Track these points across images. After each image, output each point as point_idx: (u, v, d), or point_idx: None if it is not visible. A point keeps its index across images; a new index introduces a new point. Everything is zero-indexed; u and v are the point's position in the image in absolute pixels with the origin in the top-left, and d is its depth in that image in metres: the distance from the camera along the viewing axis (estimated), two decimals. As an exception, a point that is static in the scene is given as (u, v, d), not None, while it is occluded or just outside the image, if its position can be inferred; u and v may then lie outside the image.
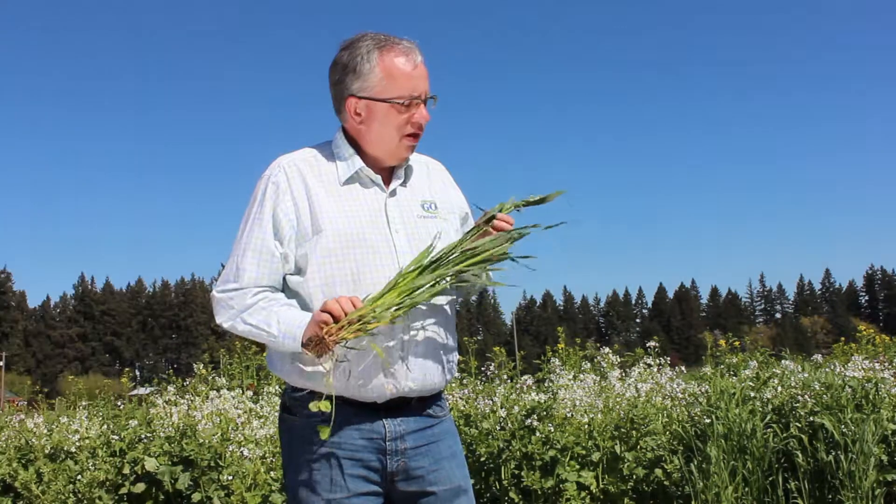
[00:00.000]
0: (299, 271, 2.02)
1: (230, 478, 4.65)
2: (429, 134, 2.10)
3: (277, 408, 5.45)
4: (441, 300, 2.05)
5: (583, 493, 4.59)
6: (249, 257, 2.01)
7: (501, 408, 4.98)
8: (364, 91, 2.02)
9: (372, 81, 2.00)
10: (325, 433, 1.90)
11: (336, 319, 1.85)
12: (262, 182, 2.05)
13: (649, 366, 5.70)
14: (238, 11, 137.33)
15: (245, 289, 2.00)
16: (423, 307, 2.00)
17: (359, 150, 2.08)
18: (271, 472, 4.79)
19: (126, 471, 5.05)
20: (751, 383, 4.85)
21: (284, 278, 2.05)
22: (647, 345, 5.92)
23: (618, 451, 4.69)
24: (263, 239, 2.01)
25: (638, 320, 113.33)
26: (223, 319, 2.01)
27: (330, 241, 1.99)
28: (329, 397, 1.87)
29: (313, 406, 1.87)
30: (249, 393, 5.68)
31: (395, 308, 1.90)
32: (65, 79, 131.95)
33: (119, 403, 6.13)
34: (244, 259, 2.01)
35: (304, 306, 2.01)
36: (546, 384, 5.43)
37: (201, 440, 4.90)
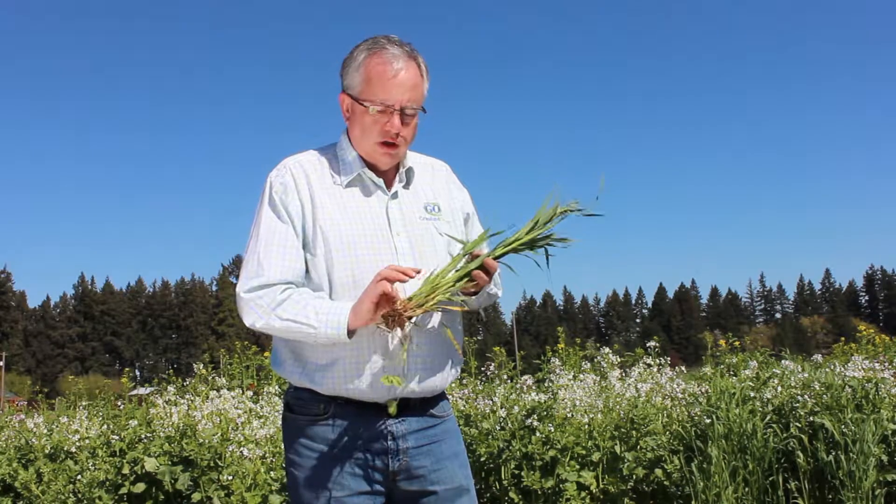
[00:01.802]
0: (304, 272, 2.03)
1: (230, 478, 4.64)
2: (434, 133, 2.11)
3: (277, 408, 5.48)
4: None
5: (583, 493, 4.59)
6: (274, 251, 1.99)
7: (501, 408, 4.98)
8: (350, 90, 2.05)
9: (355, 81, 2.03)
10: (392, 408, 1.97)
11: (394, 283, 1.85)
12: (269, 183, 2.06)
13: (649, 366, 5.70)
14: (239, 9, 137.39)
15: (273, 285, 1.97)
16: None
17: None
18: (271, 472, 4.79)
19: (126, 471, 5.05)
20: (751, 383, 4.85)
21: None
22: (647, 345, 5.93)
23: (618, 451, 4.69)
24: (286, 233, 2.00)
25: (638, 320, 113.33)
26: (254, 319, 1.96)
27: (331, 243, 2.00)
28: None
29: (385, 380, 1.89)
30: (249, 393, 5.68)
31: (454, 283, 1.92)
32: (65, 77, 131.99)
33: (119, 403, 6.13)
34: (268, 254, 1.99)
35: None
36: (546, 384, 5.43)
37: (201, 440, 4.90)
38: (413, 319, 1.87)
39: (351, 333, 1.91)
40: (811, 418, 4.49)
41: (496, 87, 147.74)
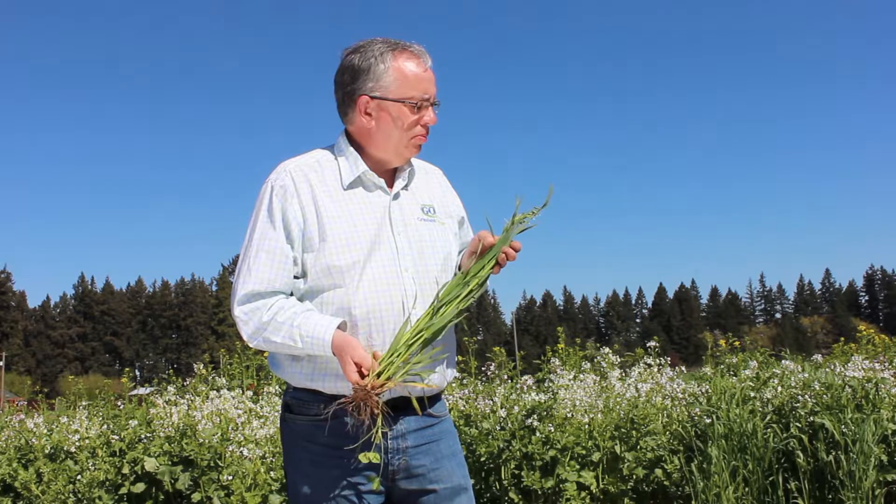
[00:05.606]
0: (304, 275, 2.04)
1: (230, 478, 4.65)
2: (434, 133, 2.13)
3: (277, 408, 5.48)
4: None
5: (583, 493, 4.59)
6: (263, 259, 2.01)
7: (501, 408, 4.99)
8: (377, 91, 2.04)
9: (386, 81, 2.03)
10: (375, 483, 1.97)
11: (363, 375, 1.87)
12: (269, 186, 2.06)
13: (649, 366, 5.70)
14: (240, 10, 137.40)
15: (260, 295, 1.99)
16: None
17: (362, 153, 2.10)
18: (271, 472, 4.79)
19: (126, 471, 5.05)
20: (751, 383, 4.85)
21: None
22: (647, 345, 5.92)
23: (618, 451, 4.69)
24: (277, 240, 2.01)
25: (638, 320, 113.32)
26: (247, 339, 2.03)
27: (334, 244, 2.00)
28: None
29: (363, 457, 1.88)
30: (249, 393, 5.68)
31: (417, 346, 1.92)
32: (65, 76, 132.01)
33: (119, 403, 6.12)
34: (257, 260, 2.01)
35: None
36: (546, 384, 5.43)
37: (201, 440, 4.90)
38: (384, 396, 1.87)
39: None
40: (811, 418, 4.49)
41: (494, 86, 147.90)
